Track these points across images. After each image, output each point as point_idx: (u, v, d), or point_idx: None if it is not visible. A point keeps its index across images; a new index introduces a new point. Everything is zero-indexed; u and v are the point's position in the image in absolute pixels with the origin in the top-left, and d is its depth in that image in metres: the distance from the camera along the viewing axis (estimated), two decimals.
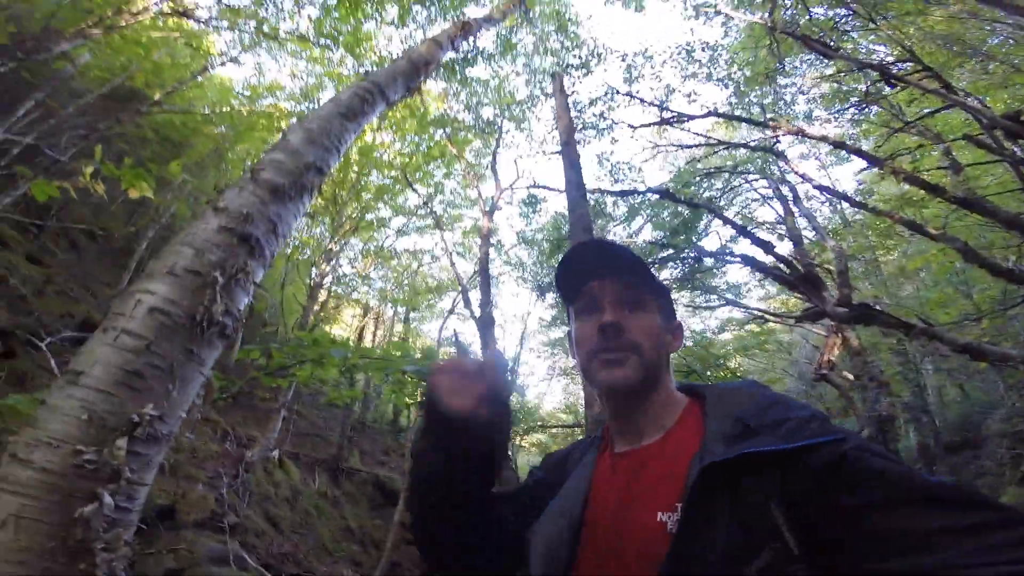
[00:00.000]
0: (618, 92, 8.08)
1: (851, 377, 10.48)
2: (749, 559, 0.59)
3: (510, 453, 10.66)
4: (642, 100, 7.82)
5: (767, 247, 7.07)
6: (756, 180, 10.22)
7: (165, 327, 1.22)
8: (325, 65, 9.10)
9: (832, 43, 6.00)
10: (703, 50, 7.58)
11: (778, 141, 7.46)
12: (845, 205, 10.76)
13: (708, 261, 10.27)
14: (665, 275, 10.70)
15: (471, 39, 5.57)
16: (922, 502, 0.57)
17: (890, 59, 5.82)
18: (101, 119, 7.64)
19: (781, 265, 7.39)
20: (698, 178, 9.50)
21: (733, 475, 0.65)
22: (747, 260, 7.43)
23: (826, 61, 6.39)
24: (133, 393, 1.11)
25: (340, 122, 1.97)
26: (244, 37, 8.78)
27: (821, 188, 7.45)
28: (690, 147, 9.40)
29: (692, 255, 9.72)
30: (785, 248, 11.28)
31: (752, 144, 7.84)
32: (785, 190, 9.83)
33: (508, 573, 0.92)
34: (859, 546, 0.57)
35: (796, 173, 8.05)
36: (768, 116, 7.19)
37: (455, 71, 8.96)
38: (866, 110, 7.21)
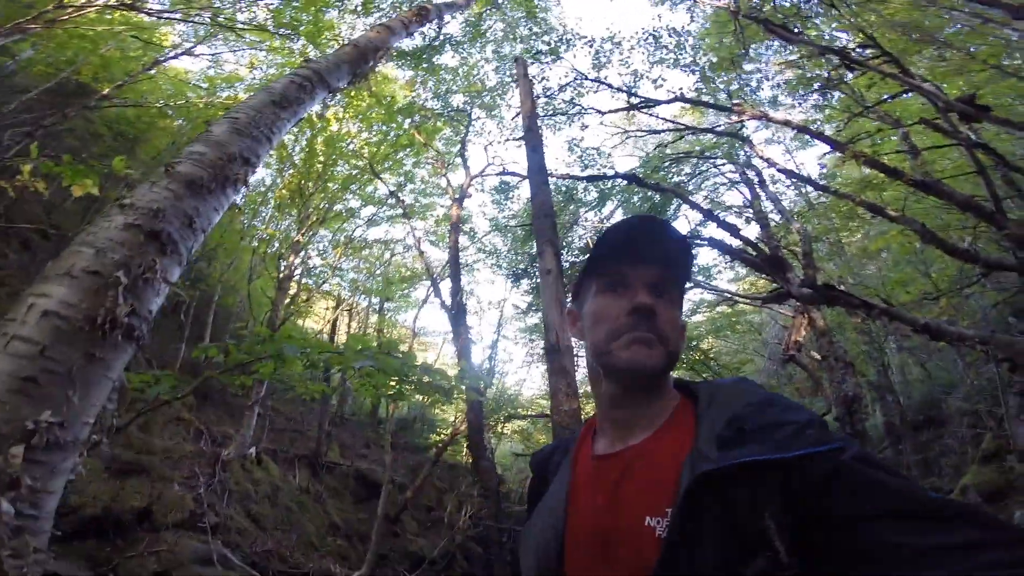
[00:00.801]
0: (587, 78, 8.06)
1: (818, 357, 10.78)
2: (740, 567, 0.59)
3: (488, 443, 10.71)
4: (610, 86, 7.82)
5: (733, 230, 7.18)
6: (723, 165, 10.35)
7: (61, 331, 1.17)
8: (286, 55, 8.85)
9: (796, 29, 6.06)
10: (670, 35, 7.60)
11: (744, 126, 7.55)
12: (809, 188, 10.99)
13: None
14: None
15: (432, 25, 5.47)
16: (917, 517, 0.56)
17: (851, 45, 5.91)
18: (47, 115, 7.31)
19: (748, 248, 7.52)
20: (667, 163, 9.57)
21: (726, 482, 0.64)
22: (714, 243, 7.54)
23: (788, 48, 6.46)
24: (28, 400, 1.06)
25: (273, 111, 1.91)
26: (199, 29, 8.49)
27: (786, 172, 7.59)
28: (658, 132, 9.45)
29: None
30: (752, 231, 11.51)
31: (719, 129, 7.91)
32: (751, 174, 9.98)
33: None
34: (850, 558, 0.57)
35: (761, 158, 8.17)
36: (733, 102, 7.26)
37: (422, 59, 8.82)
38: (828, 96, 7.33)
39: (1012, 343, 5.98)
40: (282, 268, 10.35)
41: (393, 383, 3.42)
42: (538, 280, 11.73)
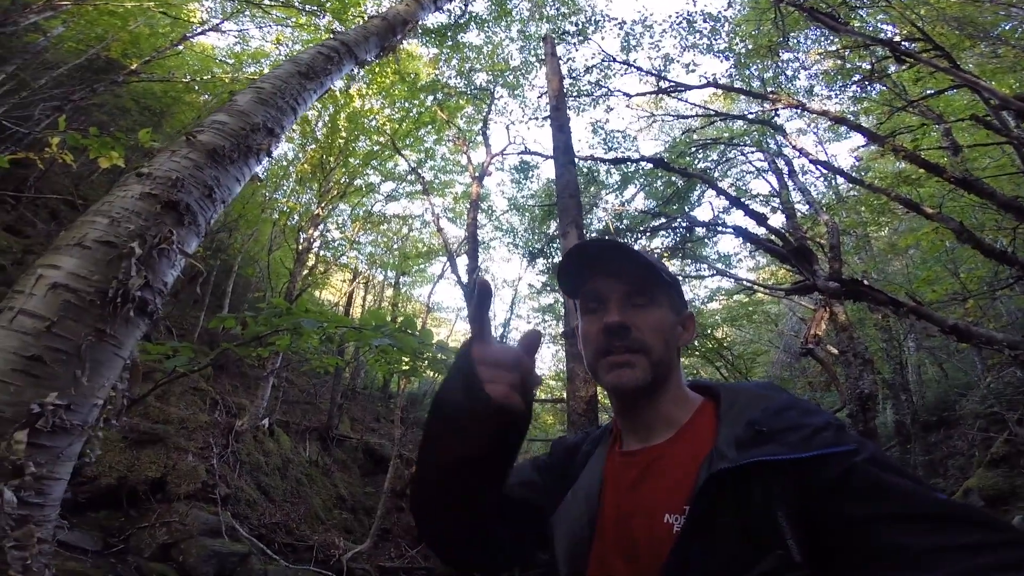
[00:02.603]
0: (615, 60, 7.80)
1: (836, 352, 10.56)
2: (749, 566, 0.60)
3: None
4: (639, 69, 7.56)
5: (760, 219, 6.98)
6: (751, 153, 10.04)
7: (71, 305, 1.09)
8: (312, 32, 8.78)
9: (839, 18, 5.77)
10: (705, 21, 7.30)
11: (777, 114, 7.27)
12: (839, 181, 10.64)
13: (700, 231, 10.19)
14: (656, 244, 10.66)
15: (458, 1, 5.28)
16: (926, 519, 0.56)
17: (897, 38, 5.61)
18: (76, 90, 7.43)
19: (773, 237, 7.32)
20: (693, 149, 9.32)
21: (741, 481, 0.65)
22: (739, 231, 7.34)
23: (830, 38, 6.16)
24: (33, 380, 1.00)
25: (299, 81, 1.82)
26: (226, 5, 8.55)
27: (818, 163, 7.32)
28: (686, 117, 9.17)
29: (684, 224, 9.63)
30: (777, 221, 11.22)
31: (750, 116, 7.63)
32: (780, 163, 9.68)
33: (514, 561, 0.94)
34: (860, 559, 0.57)
35: (793, 147, 7.88)
36: (769, 90, 6.99)
37: (446, 36, 8.66)
38: (868, 88, 7.02)
39: None
40: (301, 240, 10.44)
41: (407, 359, 3.37)
42: (555, 260, 11.67)
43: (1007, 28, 5.09)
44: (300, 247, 10.49)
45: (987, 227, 7.63)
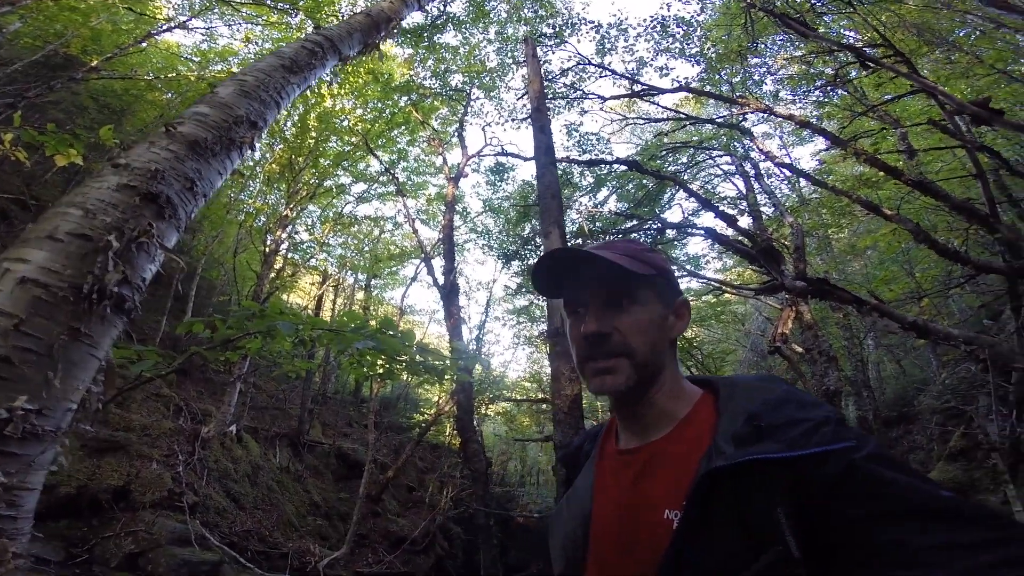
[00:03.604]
0: (590, 63, 7.89)
1: (800, 350, 10.91)
2: (748, 562, 0.60)
3: (476, 424, 10.71)
4: (614, 72, 7.65)
5: (731, 220, 7.16)
6: (719, 156, 10.30)
7: (41, 302, 1.01)
8: (283, 30, 8.59)
9: (809, 25, 5.97)
10: (678, 25, 7.45)
11: (745, 118, 7.47)
12: (802, 184, 11.01)
13: (670, 233, 10.39)
14: None
15: (436, 2, 5.24)
16: (926, 516, 0.56)
17: (859, 44, 5.84)
18: (32, 87, 7.10)
19: (743, 238, 7.51)
20: (663, 152, 9.50)
21: (739, 478, 0.64)
22: (709, 232, 7.52)
23: (795, 43, 6.37)
24: (0, 383, 0.93)
25: (282, 75, 1.76)
26: (194, 2, 8.37)
27: (785, 166, 7.57)
28: (658, 121, 9.34)
29: (656, 226, 9.81)
30: (744, 223, 11.53)
31: (719, 120, 7.83)
32: (747, 167, 9.95)
33: None
34: (860, 556, 0.57)
35: (760, 151, 8.12)
36: (738, 94, 7.18)
37: (422, 37, 8.59)
38: (830, 93, 7.29)
39: (994, 344, 6.08)
40: (269, 242, 10.16)
41: (383, 362, 3.29)
42: (530, 262, 11.69)
43: (961, 34, 5.36)
44: (267, 249, 10.22)
45: (939, 228, 8.01)
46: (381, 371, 3.56)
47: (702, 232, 7.89)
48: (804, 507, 0.60)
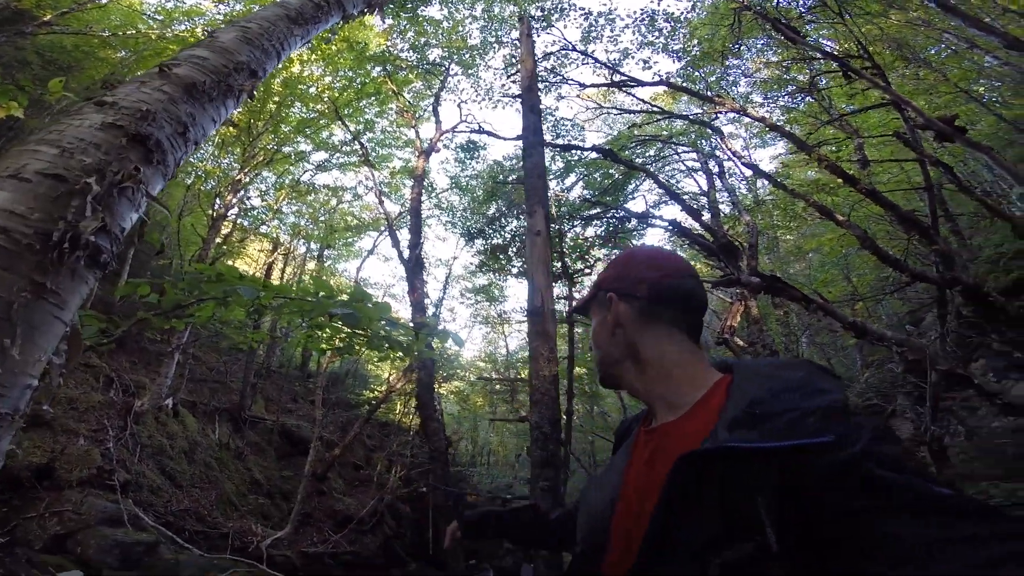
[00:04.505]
0: (574, 49, 7.78)
1: (742, 344, 11.48)
2: (725, 548, 0.59)
3: (436, 403, 10.61)
4: (596, 60, 7.60)
5: (696, 215, 7.34)
6: (685, 152, 10.52)
7: (0, 249, 0.83)
8: None
9: (798, 32, 6.10)
10: (666, 20, 7.47)
11: (716, 117, 7.63)
12: (759, 185, 11.46)
13: (633, 222, 10.58)
14: (589, 232, 10.94)
15: None
16: (920, 511, 0.55)
17: (838, 54, 6.04)
18: None
19: (705, 233, 7.72)
20: (633, 143, 9.59)
21: (721, 463, 0.63)
22: (675, 225, 7.68)
23: (774, 49, 6.52)
24: None
25: (286, 25, 1.59)
26: None
27: (750, 166, 7.81)
28: (632, 112, 9.39)
29: (619, 215, 9.94)
30: (704, 218, 11.91)
31: (692, 117, 7.96)
32: (712, 164, 10.22)
33: None
34: (852, 551, 0.55)
35: (728, 150, 8.35)
36: (714, 93, 7.31)
37: (405, 7, 8.22)
38: (798, 100, 7.55)
39: (923, 348, 6.58)
40: (218, 206, 9.50)
41: (343, 336, 3.11)
42: (494, 242, 11.60)
43: (933, 52, 5.64)
44: (215, 213, 9.57)
45: (879, 237, 8.57)
46: (340, 344, 3.37)
47: (666, 224, 8.06)
48: (792, 500, 0.59)
